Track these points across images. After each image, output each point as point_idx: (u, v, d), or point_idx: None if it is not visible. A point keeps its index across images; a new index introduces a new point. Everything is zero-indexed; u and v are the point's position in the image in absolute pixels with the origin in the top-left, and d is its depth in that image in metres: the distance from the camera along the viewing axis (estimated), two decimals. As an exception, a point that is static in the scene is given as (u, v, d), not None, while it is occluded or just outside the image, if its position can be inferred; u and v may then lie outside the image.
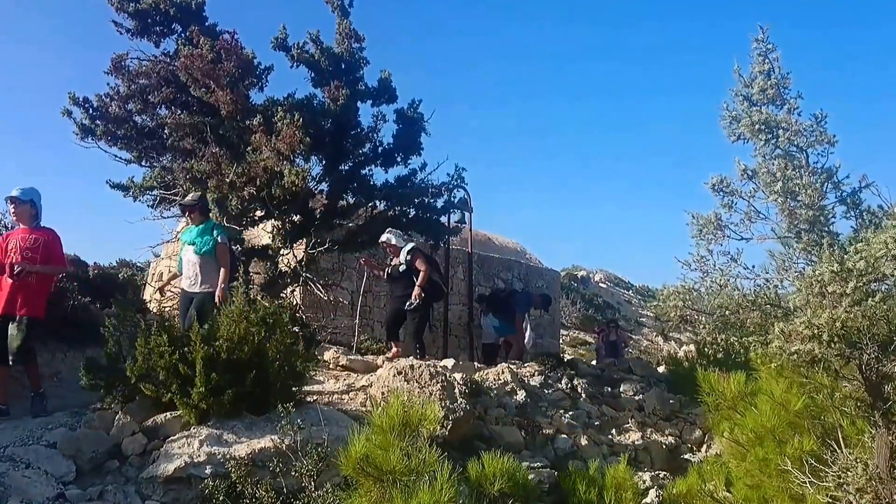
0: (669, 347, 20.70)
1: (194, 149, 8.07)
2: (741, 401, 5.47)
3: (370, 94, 8.98)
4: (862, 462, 4.21)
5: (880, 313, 3.87)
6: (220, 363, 5.17)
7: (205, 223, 6.90)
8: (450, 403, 6.43)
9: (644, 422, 8.35)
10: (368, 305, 12.82)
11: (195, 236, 6.85)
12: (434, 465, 3.71)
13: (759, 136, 4.15)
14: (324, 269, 11.16)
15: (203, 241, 6.79)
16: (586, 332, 23.00)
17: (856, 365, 4.09)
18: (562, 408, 7.97)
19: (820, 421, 4.98)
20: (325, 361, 8.13)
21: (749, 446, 5.17)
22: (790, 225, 4.18)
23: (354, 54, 8.79)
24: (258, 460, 4.78)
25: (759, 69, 4.25)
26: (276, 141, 7.41)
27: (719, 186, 4.33)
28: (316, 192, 8.93)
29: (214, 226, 6.96)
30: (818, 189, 4.05)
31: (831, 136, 4.17)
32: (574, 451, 7.09)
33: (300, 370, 5.82)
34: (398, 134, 9.14)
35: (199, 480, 4.59)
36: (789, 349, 3.73)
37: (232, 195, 7.88)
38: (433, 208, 9.48)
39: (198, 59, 7.62)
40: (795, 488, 4.73)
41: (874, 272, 3.58)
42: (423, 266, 7.45)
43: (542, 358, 9.55)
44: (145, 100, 8.37)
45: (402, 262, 7.60)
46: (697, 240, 4.58)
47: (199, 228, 6.87)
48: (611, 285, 31.23)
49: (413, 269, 7.53)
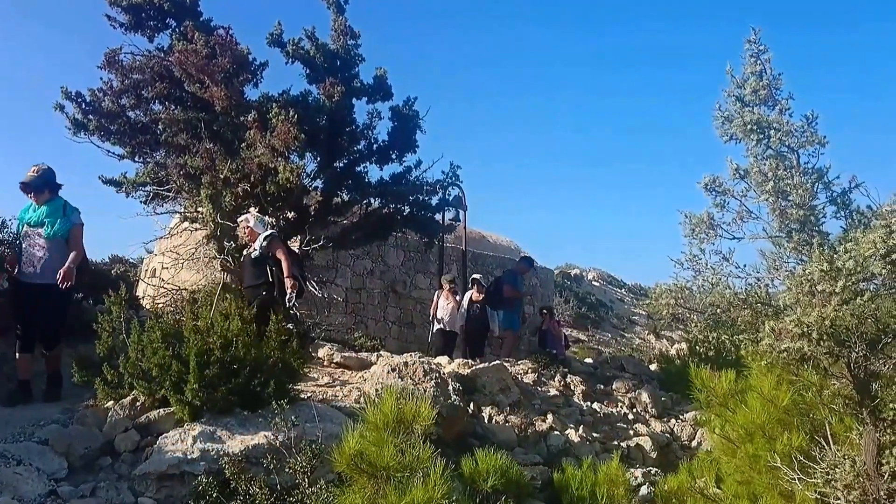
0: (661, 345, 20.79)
1: (188, 144, 8.05)
2: (732, 398, 5.51)
3: (365, 91, 8.98)
4: (850, 459, 4.25)
5: (869, 312, 3.91)
6: (214, 359, 5.17)
7: (53, 201, 6.03)
8: (444, 400, 6.46)
9: (636, 418, 8.41)
10: (362, 303, 12.85)
11: (44, 216, 5.98)
12: (428, 462, 3.72)
13: (750, 137, 4.19)
14: (318, 266, 11.18)
15: (54, 222, 5.95)
16: (579, 331, 23.06)
17: (844, 363, 4.13)
18: (555, 405, 8.02)
19: (809, 418, 5.02)
20: (319, 358, 8.15)
21: (739, 443, 5.21)
22: (781, 224, 4.22)
23: (350, 51, 8.79)
24: (252, 457, 4.79)
25: (751, 70, 4.28)
26: (270, 137, 7.40)
27: (712, 186, 4.36)
28: (310, 189, 8.92)
29: (66, 204, 6.11)
30: (809, 189, 4.09)
31: (822, 137, 4.21)
32: (567, 448, 7.13)
33: (294, 367, 5.83)
34: (393, 131, 9.15)
35: (192, 477, 4.59)
36: (779, 347, 3.77)
37: (226, 191, 7.86)
38: (428, 206, 9.50)
39: (192, 54, 7.60)
40: (785, 484, 4.77)
41: (863, 271, 3.62)
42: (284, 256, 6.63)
43: (535, 355, 9.59)
44: (139, 95, 8.34)
45: (257, 248, 6.70)
46: (690, 239, 4.61)
47: (46, 208, 6.00)
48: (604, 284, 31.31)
49: (271, 258, 6.67)
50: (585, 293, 26.84)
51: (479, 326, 10.98)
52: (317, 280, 9.14)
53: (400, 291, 13.40)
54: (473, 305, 11.05)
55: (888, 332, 4.04)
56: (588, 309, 25.02)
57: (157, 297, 9.91)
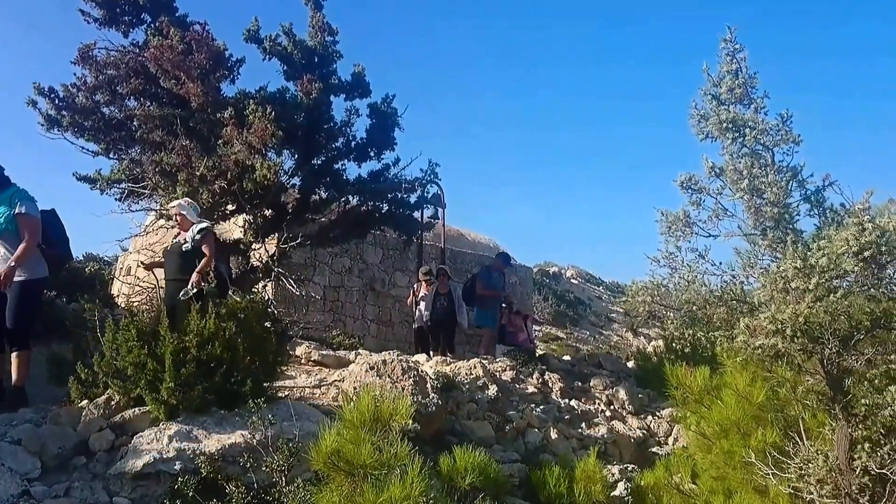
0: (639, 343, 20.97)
1: (164, 141, 7.94)
2: (707, 394, 5.58)
3: (343, 88, 8.93)
4: (822, 454, 4.33)
5: (841, 309, 3.98)
6: (190, 358, 5.11)
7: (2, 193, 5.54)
8: (422, 398, 6.46)
9: (613, 415, 8.48)
10: (341, 301, 12.80)
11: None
12: (405, 460, 3.72)
13: (726, 135, 4.23)
14: (296, 264, 11.10)
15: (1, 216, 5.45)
16: (558, 328, 23.18)
17: (818, 359, 4.20)
18: (533, 402, 8.04)
19: (783, 414, 5.10)
20: (297, 356, 8.10)
21: (714, 439, 5.28)
22: (756, 222, 4.27)
23: (328, 48, 8.74)
24: (228, 456, 4.75)
25: (726, 69, 4.33)
26: (247, 134, 7.33)
27: (688, 184, 4.40)
28: (288, 187, 8.85)
29: (15, 192, 5.55)
30: (783, 187, 4.15)
31: (796, 136, 4.27)
32: (544, 445, 7.17)
33: (271, 365, 5.78)
34: (371, 128, 9.11)
35: (168, 476, 4.54)
36: (754, 344, 3.82)
37: (203, 189, 7.78)
38: (406, 203, 9.48)
39: (168, 50, 7.50)
40: (759, 480, 4.85)
41: (836, 269, 3.68)
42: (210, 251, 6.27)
43: (513, 353, 9.62)
44: (113, 91, 8.22)
45: (189, 240, 6.32)
46: (666, 236, 4.66)
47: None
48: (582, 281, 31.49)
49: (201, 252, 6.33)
50: (564, 291, 26.98)
51: (445, 319, 10.74)
52: (294, 278, 9.06)
53: (378, 289, 13.36)
54: (440, 298, 10.83)
55: (860, 329, 4.11)
56: (566, 307, 25.16)
57: (133, 296, 9.79)
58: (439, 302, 10.80)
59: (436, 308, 10.78)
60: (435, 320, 10.78)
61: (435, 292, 10.90)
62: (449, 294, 10.81)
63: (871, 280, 3.85)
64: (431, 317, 10.78)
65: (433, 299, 10.84)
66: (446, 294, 10.81)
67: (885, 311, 4.05)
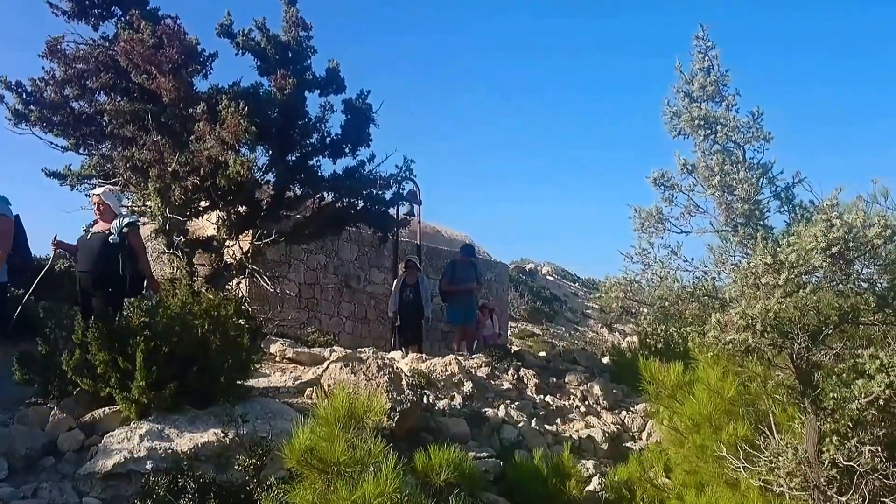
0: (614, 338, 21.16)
1: (135, 137, 7.81)
2: (680, 389, 5.63)
3: (318, 84, 8.86)
4: (792, 447, 4.39)
5: (811, 304, 4.04)
6: (162, 356, 5.05)
7: None
8: (397, 395, 6.44)
9: (588, 411, 8.53)
10: (316, 298, 12.72)
11: None
12: (379, 457, 3.70)
13: (698, 132, 4.28)
14: (271, 261, 11.01)
15: None
16: (534, 325, 23.29)
17: (787, 354, 4.26)
18: (508, 398, 8.07)
19: (754, 408, 5.17)
20: (272, 354, 8.03)
21: (687, 433, 5.34)
22: (727, 219, 4.32)
23: (302, 43, 8.65)
24: (201, 454, 4.71)
25: (699, 66, 4.37)
26: (220, 130, 7.24)
27: (660, 181, 4.44)
28: (262, 183, 8.77)
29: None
30: (754, 184, 4.20)
31: (767, 133, 4.32)
32: (520, 441, 7.19)
33: (245, 363, 5.73)
34: (346, 124, 9.05)
35: (139, 476, 4.50)
36: (724, 339, 3.87)
37: (175, 185, 7.67)
38: (382, 200, 9.44)
39: (138, 44, 7.37)
40: (730, 473, 4.91)
41: (805, 264, 3.73)
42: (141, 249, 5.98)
43: (489, 349, 9.64)
44: (83, 85, 8.07)
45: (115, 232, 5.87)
46: (640, 233, 4.69)
47: None
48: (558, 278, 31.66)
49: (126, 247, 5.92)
50: (540, 287, 27.11)
51: (412, 311, 10.50)
52: (269, 275, 8.98)
53: (354, 286, 13.30)
54: (406, 289, 10.60)
55: (829, 324, 4.18)
56: (542, 303, 25.29)
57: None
58: (406, 294, 10.56)
59: (402, 300, 10.55)
60: (402, 313, 10.56)
61: (402, 283, 10.70)
62: (416, 286, 10.56)
63: (839, 276, 3.91)
64: (399, 309, 10.56)
65: (400, 291, 10.64)
66: (413, 285, 10.58)
67: (853, 306, 4.12)
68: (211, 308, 6.10)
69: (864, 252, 3.72)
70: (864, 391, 3.80)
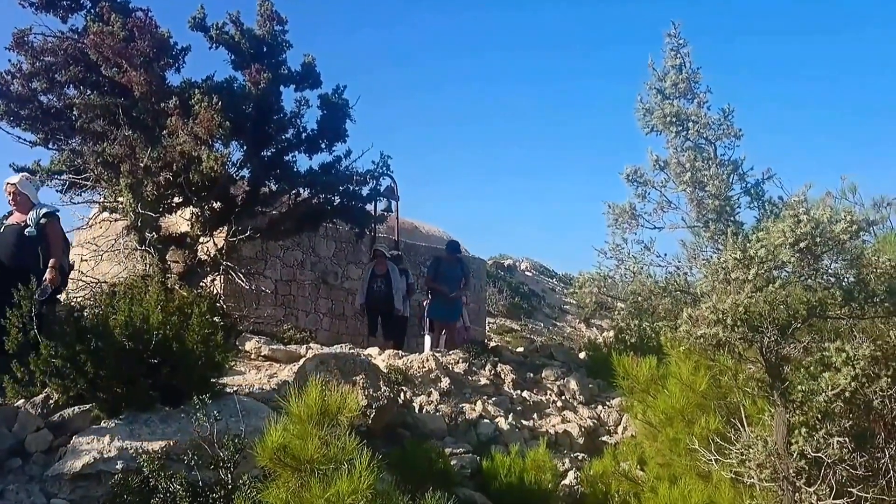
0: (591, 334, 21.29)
1: (105, 131, 7.69)
2: (654, 384, 5.70)
3: (293, 79, 8.79)
4: (762, 439, 4.45)
5: (780, 299, 4.09)
6: (133, 354, 4.98)
7: None
8: (373, 392, 6.44)
9: (565, 406, 8.60)
10: (293, 294, 12.64)
11: None
12: (353, 454, 3.68)
13: (670, 129, 4.31)
14: (246, 257, 10.91)
15: None
16: (513, 320, 23.36)
17: (757, 348, 4.31)
18: (485, 394, 8.10)
19: (725, 401, 5.24)
20: (247, 352, 7.97)
21: (660, 427, 5.40)
22: (699, 214, 4.37)
23: (277, 37, 8.58)
24: (173, 453, 4.66)
25: (671, 63, 4.40)
26: (193, 125, 7.16)
27: (633, 177, 4.47)
28: (237, 179, 8.69)
29: None
30: (724, 180, 4.24)
31: (737, 130, 4.37)
32: (496, 436, 7.22)
33: (219, 361, 5.67)
34: (322, 120, 9.00)
35: (109, 476, 4.42)
36: (695, 333, 3.91)
37: (147, 181, 7.58)
38: (358, 196, 9.41)
39: (108, 36, 7.25)
40: (702, 466, 4.97)
41: (774, 259, 3.78)
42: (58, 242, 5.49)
43: (466, 345, 9.66)
44: (51, 78, 7.91)
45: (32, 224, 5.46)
46: (613, 228, 4.71)
47: None
48: (537, 274, 31.78)
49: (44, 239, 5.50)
50: (518, 283, 27.17)
51: (382, 304, 9.95)
52: (244, 272, 8.91)
53: (332, 283, 13.22)
54: (376, 280, 9.98)
55: (798, 318, 4.24)
56: (521, 299, 25.36)
57: (76, 291, 9.47)
58: (375, 284, 9.98)
59: (371, 290, 9.99)
60: (370, 305, 10.05)
61: (371, 274, 10.07)
62: (386, 276, 9.97)
63: (808, 270, 3.97)
64: (367, 300, 10.03)
65: (368, 281, 10.05)
66: (383, 276, 10.00)
67: (821, 300, 4.18)
68: (184, 305, 6.04)
69: (831, 247, 3.78)
70: (830, 383, 3.86)
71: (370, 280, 10.09)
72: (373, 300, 10.08)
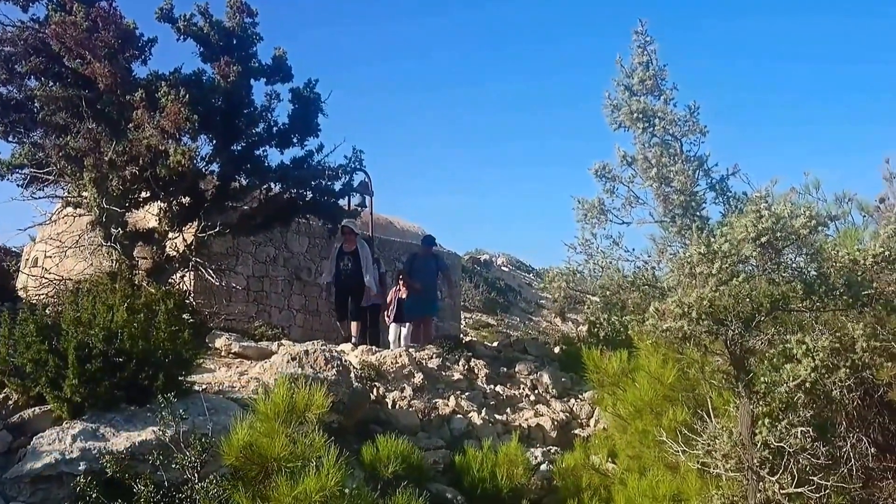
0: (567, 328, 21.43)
1: (68, 124, 7.52)
2: (624, 377, 5.75)
3: (264, 72, 8.68)
4: (727, 430, 4.52)
5: (744, 293, 4.15)
6: (96, 353, 4.89)
7: None
8: (345, 388, 6.40)
9: (538, 400, 8.63)
10: (266, 290, 12.52)
11: None
12: (321, 451, 3.67)
13: (637, 125, 4.34)
14: (217, 253, 10.77)
15: None
16: (489, 315, 23.41)
17: (722, 340, 4.37)
18: (459, 389, 8.10)
19: (693, 394, 5.31)
20: (217, 349, 7.87)
21: (629, 419, 5.46)
22: (665, 210, 4.41)
23: (247, 29, 8.45)
24: (138, 453, 4.57)
25: (638, 60, 4.43)
26: (159, 118, 7.03)
27: (601, 172, 4.49)
28: (206, 173, 8.56)
29: None
30: (690, 176, 4.28)
31: (703, 126, 4.42)
32: (469, 431, 7.23)
33: (186, 358, 5.59)
34: (294, 114, 8.90)
35: (71, 478, 4.33)
36: (661, 326, 3.94)
37: (113, 175, 7.43)
38: (331, 191, 9.32)
39: (71, 27, 7.08)
40: (670, 457, 5.04)
41: (737, 254, 3.83)
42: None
43: (440, 340, 9.65)
44: (11, 69, 7.70)
45: None
46: (583, 224, 4.74)
47: None
48: (513, 269, 31.88)
49: None
50: (495, 278, 27.24)
51: (351, 283, 9.26)
52: (214, 268, 8.79)
53: (305, 279, 13.12)
54: (344, 257, 9.31)
55: (762, 311, 4.30)
56: (497, 294, 25.42)
57: (40, 288, 9.28)
58: (343, 262, 9.33)
59: (339, 270, 9.33)
60: (339, 285, 9.42)
61: (339, 251, 9.44)
62: (356, 253, 9.33)
63: (770, 264, 4.03)
64: (335, 280, 9.40)
65: (336, 259, 9.38)
66: (352, 253, 9.35)
67: (784, 293, 4.25)
68: (151, 302, 5.94)
69: (792, 241, 3.84)
70: (792, 375, 3.93)
71: (337, 258, 9.41)
72: (341, 280, 9.38)
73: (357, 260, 9.33)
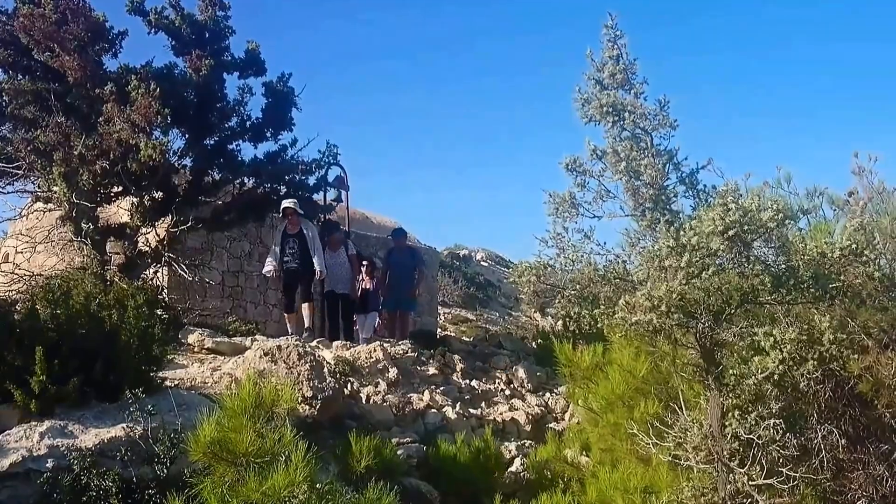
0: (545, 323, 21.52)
1: (37, 118, 7.40)
2: (596, 370, 5.79)
3: (237, 66, 8.61)
4: (698, 422, 4.56)
5: (714, 286, 4.19)
6: (65, 349, 4.81)
7: None
8: (318, 383, 6.37)
9: (513, 394, 8.67)
10: (241, 286, 12.41)
11: None
12: (290, 446, 3.64)
13: (607, 119, 4.35)
14: (192, 248, 10.64)
15: None
16: (468, 310, 23.42)
17: (693, 333, 4.41)
18: (434, 384, 8.10)
19: (664, 386, 5.36)
20: (190, 344, 7.79)
21: (602, 413, 5.49)
22: (636, 203, 4.43)
23: (219, 23, 8.38)
24: (107, 450, 4.52)
25: (608, 54, 4.45)
26: (130, 112, 6.94)
27: (572, 166, 4.51)
28: (178, 168, 8.47)
29: None
30: (660, 169, 4.31)
31: (673, 121, 4.45)
32: (444, 426, 7.24)
33: (156, 354, 5.53)
34: (267, 108, 8.84)
35: (38, 475, 4.27)
36: (631, 319, 3.97)
37: (83, 169, 7.32)
38: (305, 186, 9.27)
39: (39, 19, 6.96)
40: (642, 450, 5.08)
41: (705, 247, 3.86)
42: None
43: (415, 336, 9.65)
44: (-23, 62, 7.57)
45: None
46: (554, 217, 4.75)
47: None
48: (492, 264, 31.93)
49: None
50: (474, 273, 27.25)
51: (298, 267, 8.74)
52: (188, 263, 8.69)
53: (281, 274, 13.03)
54: (288, 240, 8.69)
55: (731, 304, 4.35)
56: (476, 289, 25.43)
57: (11, 284, 9.12)
58: (288, 245, 8.70)
59: (284, 254, 8.72)
60: (286, 270, 8.80)
61: (283, 233, 8.76)
62: (300, 234, 8.67)
63: (739, 258, 4.07)
64: (281, 266, 8.78)
65: (280, 243, 8.73)
66: (296, 235, 8.69)
67: (753, 287, 4.30)
68: (122, 298, 5.86)
69: (760, 235, 3.88)
70: (760, 367, 3.97)
71: (282, 241, 8.75)
72: (288, 265, 8.77)
73: (304, 242, 8.66)
